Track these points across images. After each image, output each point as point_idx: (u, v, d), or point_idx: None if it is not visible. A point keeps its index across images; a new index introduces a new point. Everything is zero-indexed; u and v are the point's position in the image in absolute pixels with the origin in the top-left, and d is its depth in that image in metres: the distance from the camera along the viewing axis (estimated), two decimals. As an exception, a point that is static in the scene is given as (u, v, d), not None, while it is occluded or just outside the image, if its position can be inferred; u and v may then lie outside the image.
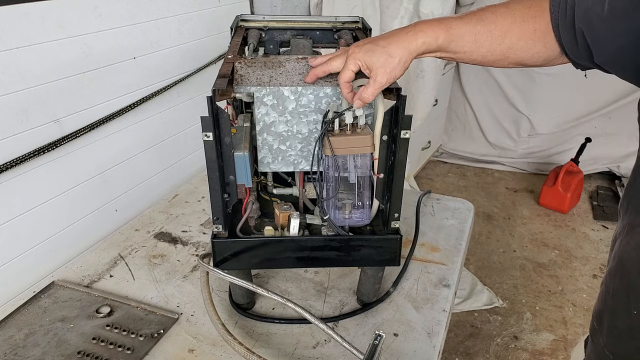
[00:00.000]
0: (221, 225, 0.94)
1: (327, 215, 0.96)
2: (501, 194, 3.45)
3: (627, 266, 0.82)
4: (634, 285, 0.80)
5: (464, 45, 0.83)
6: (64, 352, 0.97)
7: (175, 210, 1.49)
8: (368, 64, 0.82)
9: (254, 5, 1.88)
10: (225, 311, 1.08)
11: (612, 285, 0.86)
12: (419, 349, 1.00)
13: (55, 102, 1.17)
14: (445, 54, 0.85)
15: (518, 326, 2.32)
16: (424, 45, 0.82)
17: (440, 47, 0.83)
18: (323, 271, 1.22)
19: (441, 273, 1.22)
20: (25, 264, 1.18)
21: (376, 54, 0.81)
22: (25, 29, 1.08)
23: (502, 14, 0.81)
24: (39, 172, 1.17)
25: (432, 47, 0.82)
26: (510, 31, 0.81)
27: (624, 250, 0.83)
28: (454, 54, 0.85)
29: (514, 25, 0.81)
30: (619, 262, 0.84)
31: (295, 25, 1.22)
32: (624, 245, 0.83)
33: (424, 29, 0.82)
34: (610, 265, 0.87)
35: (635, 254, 0.80)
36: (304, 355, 0.98)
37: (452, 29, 0.81)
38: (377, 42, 0.82)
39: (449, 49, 0.83)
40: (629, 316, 0.82)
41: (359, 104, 0.85)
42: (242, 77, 0.90)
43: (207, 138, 0.83)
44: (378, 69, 0.81)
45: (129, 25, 1.34)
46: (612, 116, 3.28)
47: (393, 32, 0.84)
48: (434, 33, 0.81)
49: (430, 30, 0.82)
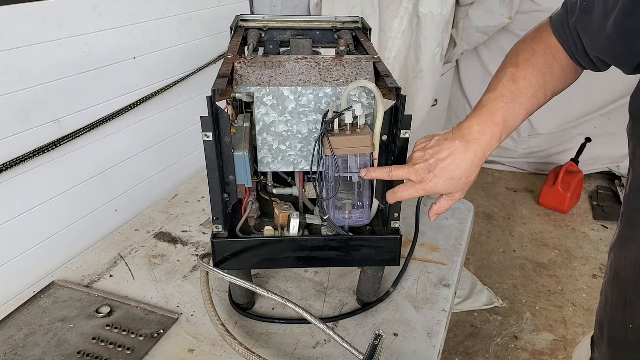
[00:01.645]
0: (221, 225, 0.94)
1: (327, 215, 0.96)
2: (501, 194, 3.45)
3: (623, 280, 0.82)
4: (630, 301, 0.81)
5: (519, 122, 0.82)
6: (64, 352, 0.97)
7: (175, 210, 1.49)
8: (449, 192, 0.83)
9: (254, 5, 1.88)
10: (225, 311, 1.08)
11: (610, 297, 0.86)
12: (419, 349, 1.00)
13: (55, 102, 1.17)
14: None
15: (518, 326, 2.32)
16: (490, 149, 0.81)
17: (502, 140, 0.83)
18: (323, 271, 1.22)
19: (441, 273, 1.22)
20: (25, 264, 1.18)
21: (460, 185, 0.81)
22: (25, 29, 1.08)
23: (533, 74, 0.81)
24: (39, 172, 1.17)
25: (496, 145, 0.82)
26: (545, 84, 0.82)
27: (620, 264, 0.83)
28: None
29: (546, 77, 0.82)
30: (616, 275, 0.84)
31: (295, 25, 1.22)
32: (619, 259, 0.83)
33: (486, 144, 0.79)
34: (608, 276, 0.88)
35: (630, 269, 0.80)
36: (304, 355, 0.98)
37: (507, 121, 0.80)
38: (457, 178, 0.80)
39: (509, 133, 0.83)
40: (625, 329, 0.82)
41: (435, 219, 0.88)
42: (242, 77, 0.90)
43: (207, 138, 0.83)
44: (458, 193, 0.83)
45: (129, 25, 1.34)
46: (611, 116, 3.28)
47: (452, 157, 0.80)
48: (497, 136, 0.80)
49: (495, 140, 0.80)
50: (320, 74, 0.92)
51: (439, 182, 0.80)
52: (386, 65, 0.97)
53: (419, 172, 0.81)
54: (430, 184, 0.81)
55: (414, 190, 0.83)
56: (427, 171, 0.80)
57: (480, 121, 0.80)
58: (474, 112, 0.82)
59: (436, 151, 0.80)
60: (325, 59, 0.94)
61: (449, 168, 0.79)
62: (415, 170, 0.81)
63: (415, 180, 0.82)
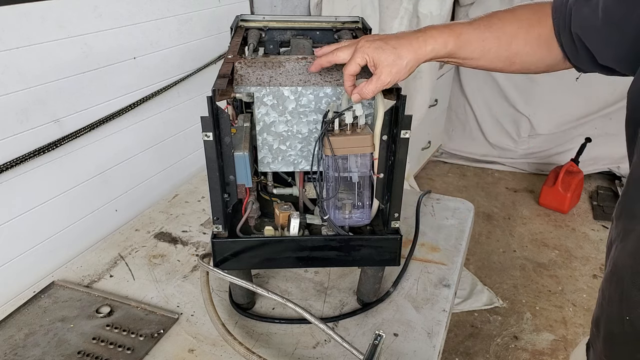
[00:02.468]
0: (221, 225, 0.94)
1: (327, 215, 0.96)
2: (501, 194, 3.45)
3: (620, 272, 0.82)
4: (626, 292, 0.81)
5: (473, 52, 0.83)
6: (64, 352, 0.97)
7: (175, 210, 1.49)
8: (376, 60, 0.81)
9: (254, 5, 1.88)
10: (225, 311, 1.08)
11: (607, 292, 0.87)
12: (419, 349, 1.00)
13: (55, 102, 1.17)
14: (453, 59, 0.86)
15: (518, 326, 2.32)
16: (433, 52, 0.82)
17: (449, 53, 0.83)
18: (323, 271, 1.22)
19: (441, 273, 1.22)
20: (25, 264, 1.18)
21: (385, 53, 0.81)
22: (25, 29, 1.08)
23: (509, 20, 0.82)
24: (39, 172, 1.17)
25: (440, 54, 0.83)
26: (516, 36, 0.82)
27: (619, 256, 0.83)
28: (462, 60, 0.85)
29: (520, 30, 0.82)
30: (613, 268, 0.85)
31: (295, 25, 1.22)
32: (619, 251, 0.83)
33: (434, 35, 0.82)
34: (606, 271, 0.88)
35: (628, 261, 0.80)
36: (304, 355, 0.98)
37: (461, 35, 0.81)
38: (387, 41, 0.82)
39: (457, 55, 0.84)
40: (622, 322, 0.82)
41: (357, 98, 0.84)
42: (242, 77, 0.90)
43: (207, 138, 0.83)
44: (384, 67, 0.81)
45: (129, 25, 1.34)
46: (612, 117, 3.28)
47: (403, 34, 0.83)
48: (443, 40, 0.81)
49: (440, 37, 0.81)
50: (320, 74, 0.92)
51: (372, 44, 0.81)
52: (386, 65, 0.97)
53: (360, 41, 0.83)
54: (363, 42, 0.82)
55: (348, 51, 0.84)
56: (367, 40, 0.82)
57: (439, 25, 0.83)
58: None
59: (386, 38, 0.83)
60: (325, 59, 0.94)
61: (386, 37, 0.82)
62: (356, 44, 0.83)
63: (354, 50, 0.83)
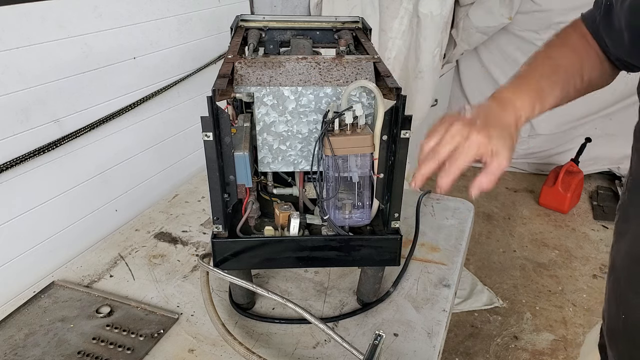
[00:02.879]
0: (221, 225, 0.94)
1: (327, 215, 0.96)
2: (501, 194, 3.45)
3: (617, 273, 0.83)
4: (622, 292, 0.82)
5: (553, 99, 0.79)
6: (64, 352, 0.97)
7: (175, 210, 1.49)
8: (494, 150, 0.69)
9: (254, 5, 1.88)
10: (225, 311, 1.08)
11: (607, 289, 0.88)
12: (419, 349, 1.00)
13: (55, 102, 1.17)
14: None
15: (518, 326, 2.32)
16: (526, 120, 0.76)
17: (537, 114, 0.78)
18: (323, 271, 1.22)
19: (441, 273, 1.22)
20: (25, 264, 1.18)
21: (503, 139, 0.70)
22: (25, 29, 1.07)
23: (568, 53, 0.79)
24: (39, 172, 1.17)
25: (530, 118, 0.77)
26: (583, 65, 0.80)
27: (616, 257, 0.84)
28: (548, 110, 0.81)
29: (584, 59, 0.80)
30: (611, 267, 0.86)
31: (295, 25, 1.22)
32: (615, 252, 0.85)
33: (520, 106, 0.74)
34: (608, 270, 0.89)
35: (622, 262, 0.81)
36: (304, 355, 0.98)
37: (544, 99, 0.76)
38: (492, 126, 0.71)
39: (543, 110, 0.79)
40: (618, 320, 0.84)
41: (476, 193, 0.70)
42: (242, 77, 0.90)
43: (207, 138, 0.83)
44: (503, 154, 0.70)
45: (129, 25, 1.34)
46: (612, 117, 3.28)
47: (491, 115, 0.73)
48: (531, 107, 0.75)
49: (529, 107, 0.75)
50: (321, 74, 0.92)
51: (484, 134, 0.69)
52: (386, 65, 0.97)
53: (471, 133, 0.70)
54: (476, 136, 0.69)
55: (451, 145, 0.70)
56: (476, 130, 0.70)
57: (515, 89, 0.75)
58: (508, 82, 0.78)
59: (474, 115, 0.72)
60: (325, 59, 0.94)
61: (495, 119, 0.71)
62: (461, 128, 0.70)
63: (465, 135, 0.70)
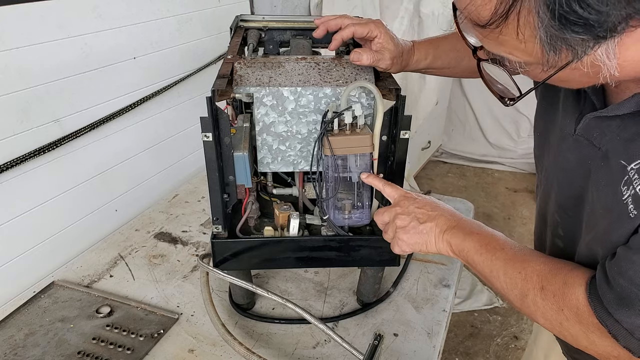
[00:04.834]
0: (221, 225, 0.94)
1: (326, 215, 0.96)
2: (501, 194, 3.45)
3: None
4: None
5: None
6: (64, 352, 0.97)
7: (175, 210, 1.49)
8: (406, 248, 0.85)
9: (254, 5, 1.88)
10: (225, 311, 1.09)
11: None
12: (419, 349, 1.00)
13: (55, 102, 1.17)
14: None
15: (518, 326, 2.32)
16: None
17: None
18: (323, 271, 1.22)
19: (441, 273, 1.22)
20: (25, 264, 1.18)
21: (418, 246, 0.84)
22: (25, 29, 1.08)
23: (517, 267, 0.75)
24: (40, 172, 1.17)
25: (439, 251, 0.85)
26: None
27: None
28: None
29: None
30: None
31: (295, 25, 1.22)
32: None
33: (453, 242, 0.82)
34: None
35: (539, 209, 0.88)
36: (304, 355, 0.98)
37: (459, 253, 0.82)
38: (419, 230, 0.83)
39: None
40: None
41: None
42: (241, 77, 0.90)
43: (207, 138, 0.83)
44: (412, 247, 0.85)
45: (129, 25, 1.34)
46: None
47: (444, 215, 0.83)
48: (449, 252, 0.84)
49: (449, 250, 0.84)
50: (320, 74, 0.92)
51: (401, 237, 0.83)
52: (386, 65, 0.97)
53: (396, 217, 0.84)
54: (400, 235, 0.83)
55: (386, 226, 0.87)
56: (402, 220, 0.83)
57: (458, 235, 0.81)
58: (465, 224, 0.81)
59: (418, 215, 0.82)
60: (324, 59, 0.94)
61: (414, 236, 0.83)
62: (395, 213, 0.84)
63: (388, 220, 0.85)
